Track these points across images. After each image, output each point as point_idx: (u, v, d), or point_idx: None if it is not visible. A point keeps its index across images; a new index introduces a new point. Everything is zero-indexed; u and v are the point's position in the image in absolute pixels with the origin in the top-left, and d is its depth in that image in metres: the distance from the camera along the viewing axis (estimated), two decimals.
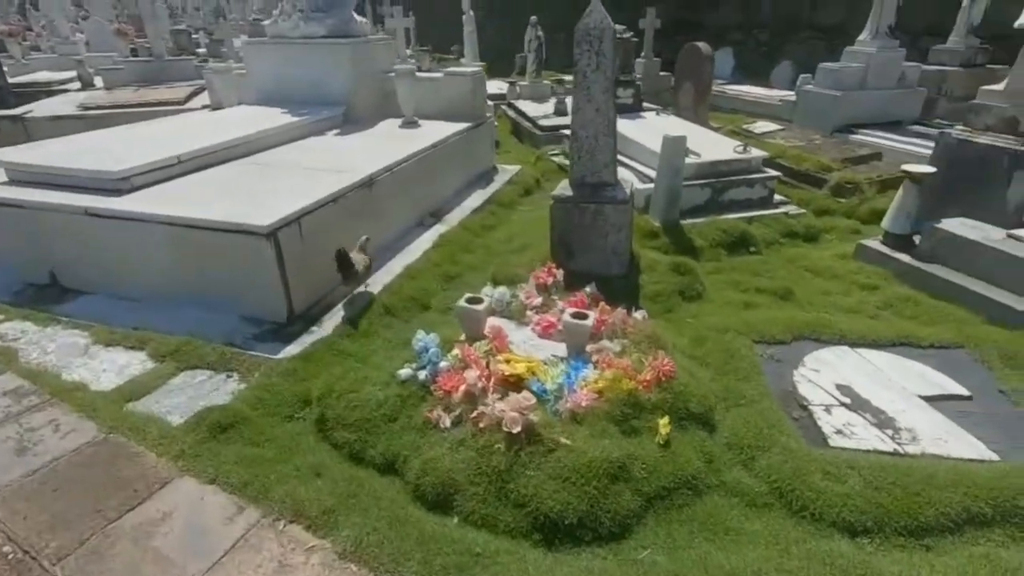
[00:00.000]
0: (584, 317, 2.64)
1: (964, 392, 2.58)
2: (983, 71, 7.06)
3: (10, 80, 9.04)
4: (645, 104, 6.38)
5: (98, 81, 9.64)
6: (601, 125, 3.48)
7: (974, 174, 3.61)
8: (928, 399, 2.54)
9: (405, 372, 2.48)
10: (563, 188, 3.69)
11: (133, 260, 3.29)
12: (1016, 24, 3.43)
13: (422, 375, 2.45)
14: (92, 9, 15.18)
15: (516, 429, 2.09)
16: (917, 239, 3.69)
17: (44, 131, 6.64)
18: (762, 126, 6.51)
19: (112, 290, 3.40)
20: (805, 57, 10.38)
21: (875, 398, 2.54)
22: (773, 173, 4.85)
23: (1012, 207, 3.46)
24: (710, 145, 4.99)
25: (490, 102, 6.25)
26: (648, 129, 5.25)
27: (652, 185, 4.48)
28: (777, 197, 4.87)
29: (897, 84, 6.81)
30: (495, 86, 9.54)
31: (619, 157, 3.92)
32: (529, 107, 8.37)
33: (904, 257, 3.71)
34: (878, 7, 6.51)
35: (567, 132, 6.79)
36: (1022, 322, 3.05)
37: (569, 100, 8.23)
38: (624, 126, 5.08)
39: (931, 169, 3.61)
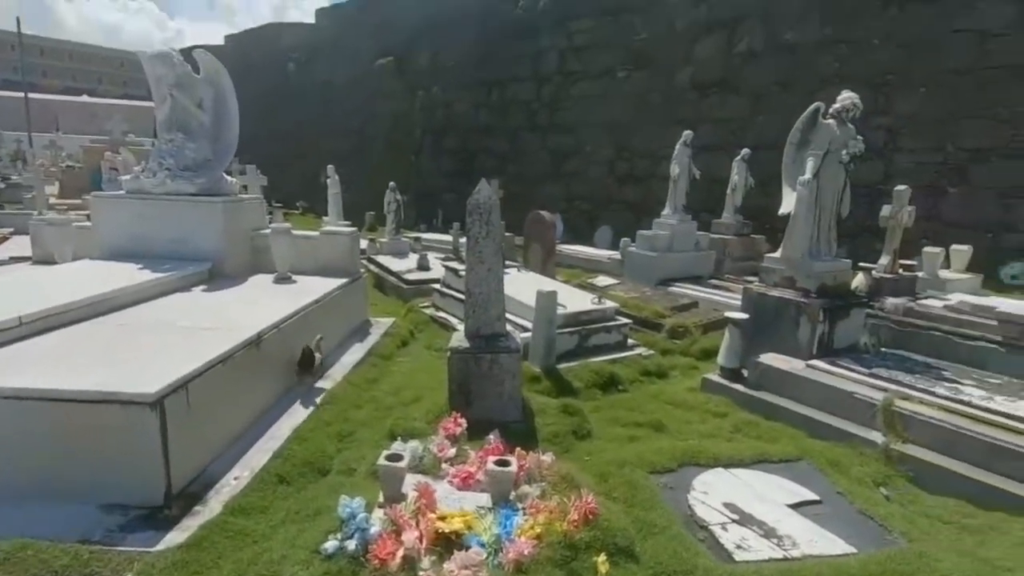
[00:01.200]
0: (507, 464, 2.73)
1: (816, 497, 3.11)
2: (749, 239, 9.27)
3: None
4: (506, 262, 7.11)
5: None
6: (492, 283, 3.88)
7: (773, 319, 4.67)
8: (793, 507, 3.02)
9: (331, 544, 2.28)
10: (459, 340, 3.91)
11: None
12: (780, 212, 4.78)
13: (351, 545, 2.28)
14: None
15: None
16: (745, 372, 4.53)
17: None
18: (602, 280, 7.61)
19: None
20: (618, 223, 12.60)
21: (756, 512, 2.95)
22: (625, 320, 5.65)
23: (803, 343, 4.50)
24: (570, 297, 5.70)
25: None
26: (515, 284, 5.83)
27: (529, 334, 4.92)
28: (630, 341, 5.62)
29: (694, 248, 8.59)
30: None
31: None
32: (392, 262, 8.77)
33: (739, 387, 4.49)
34: (673, 192, 8.41)
35: (435, 286, 7.28)
36: (831, 435, 3.83)
37: (430, 255, 8.87)
38: None
39: (745, 316, 4.58)
